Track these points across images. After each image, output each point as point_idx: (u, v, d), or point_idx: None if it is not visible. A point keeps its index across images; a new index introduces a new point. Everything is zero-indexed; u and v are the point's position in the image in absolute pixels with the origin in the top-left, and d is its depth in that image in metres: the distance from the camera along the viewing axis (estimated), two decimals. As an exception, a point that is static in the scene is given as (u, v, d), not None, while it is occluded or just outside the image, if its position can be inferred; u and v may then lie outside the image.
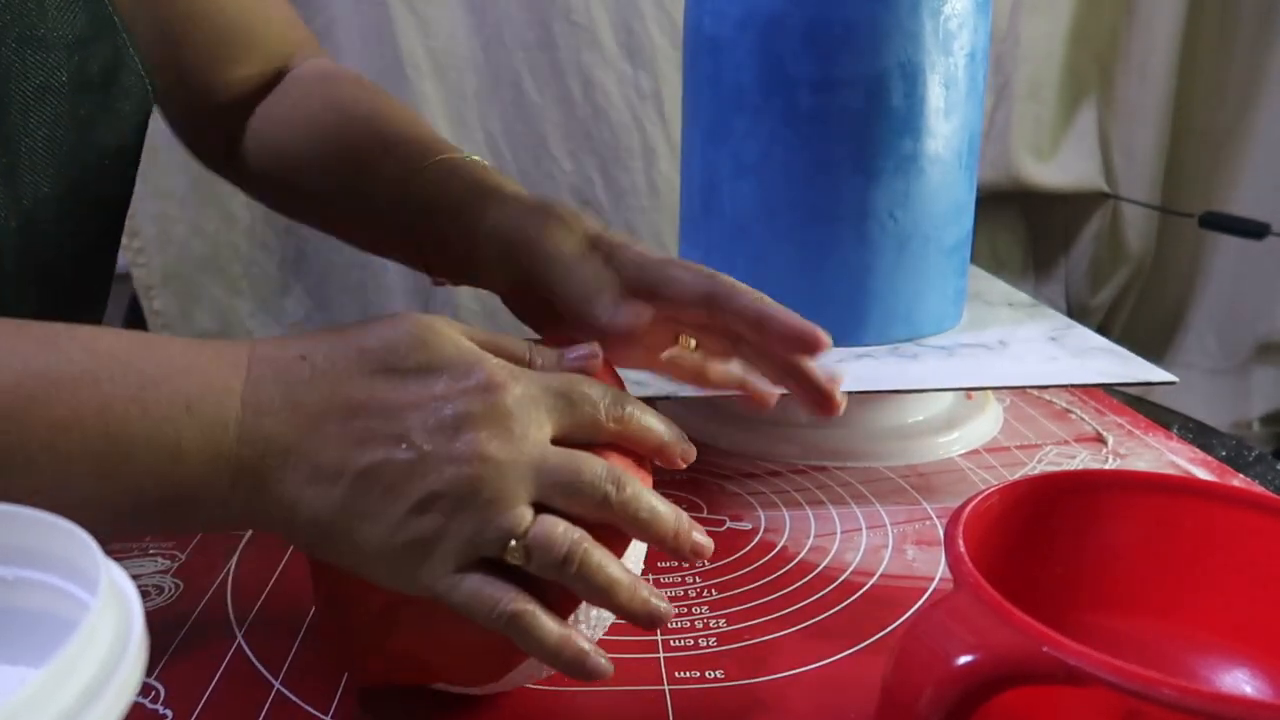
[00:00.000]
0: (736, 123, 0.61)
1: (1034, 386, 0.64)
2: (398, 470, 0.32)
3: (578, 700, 0.39)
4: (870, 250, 0.60)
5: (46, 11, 0.43)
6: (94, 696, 0.19)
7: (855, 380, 0.56)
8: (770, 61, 0.58)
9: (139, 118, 0.50)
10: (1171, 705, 0.24)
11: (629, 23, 1.18)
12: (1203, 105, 1.37)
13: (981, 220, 0.69)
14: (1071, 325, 0.65)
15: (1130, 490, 0.37)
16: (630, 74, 1.20)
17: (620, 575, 0.33)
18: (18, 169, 0.43)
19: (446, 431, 0.32)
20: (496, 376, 0.33)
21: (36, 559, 0.23)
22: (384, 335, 0.34)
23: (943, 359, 0.59)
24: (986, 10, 0.61)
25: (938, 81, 0.58)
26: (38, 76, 0.43)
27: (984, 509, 0.34)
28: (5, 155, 0.43)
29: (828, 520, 0.55)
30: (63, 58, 0.44)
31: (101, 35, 0.46)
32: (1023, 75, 1.30)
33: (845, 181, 0.59)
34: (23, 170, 0.43)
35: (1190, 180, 1.40)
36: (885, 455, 0.62)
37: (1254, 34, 1.34)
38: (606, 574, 0.33)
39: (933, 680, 0.28)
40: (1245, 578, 0.35)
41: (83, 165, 0.47)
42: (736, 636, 0.44)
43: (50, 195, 0.45)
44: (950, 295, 0.64)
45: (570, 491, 0.33)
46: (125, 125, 0.49)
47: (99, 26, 0.46)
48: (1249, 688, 0.34)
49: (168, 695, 0.40)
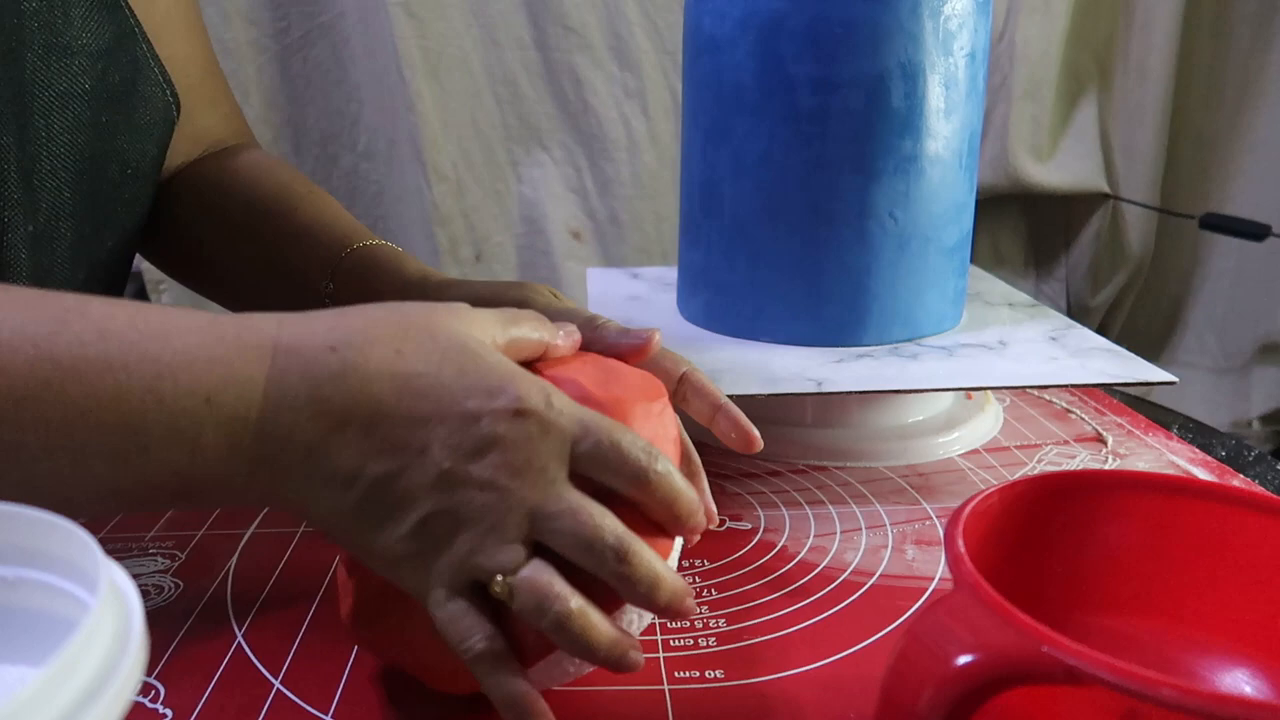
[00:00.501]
0: (736, 123, 0.61)
1: (1033, 387, 0.64)
2: (412, 483, 0.31)
3: (577, 700, 0.39)
4: (870, 250, 0.60)
5: (72, 21, 0.43)
6: (94, 696, 0.19)
7: (855, 380, 0.56)
8: (770, 61, 0.58)
9: (160, 129, 0.50)
10: (1171, 705, 0.24)
11: (617, 28, 1.26)
12: (1200, 106, 1.38)
13: (981, 220, 0.69)
14: (1072, 325, 0.65)
15: (1130, 490, 0.37)
16: (618, 74, 1.27)
17: (600, 638, 0.32)
18: (37, 174, 0.43)
19: (467, 452, 0.31)
20: (527, 402, 0.32)
21: (36, 559, 0.23)
22: (421, 338, 0.32)
23: (942, 359, 0.60)
24: (987, 11, 0.61)
25: (938, 82, 0.58)
26: (61, 83, 0.43)
27: (984, 509, 0.34)
28: (25, 160, 0.43)
29: (827, 520, 0.55)
30: (86, 66, 0.44)
31: (124, 45, 0.46)
32: (1020, 75, 1.30)
33: (845, 182, 0.59)
34: (43, 175, 0.44)
35: (1190, 181, 1.40)
36: (885, 455, 0.62)
37: (1250, 35, 1.34)
38: (587, 639, 0.32)
39: (933, 680, 0.28)
40: (1245, 578, 0.35)
41: (102, 174, 0.47)
42: (736, 636, 0.44)
43: (69, 202, 0.45)
44: (950, 295, 0.64)
45: (569, 545, 0.32)
46: (146, 136, 0.49)
47: (121, 37, 0.46)
48: (1249, 688, 0.34)
49: (168, 695, 0.40)
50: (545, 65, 1.25)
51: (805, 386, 0.55)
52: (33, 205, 0.43)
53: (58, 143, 0.44)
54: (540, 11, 1.23)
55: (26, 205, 0.43)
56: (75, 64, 0.43)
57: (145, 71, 0.48)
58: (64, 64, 0.43)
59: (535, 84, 1.26)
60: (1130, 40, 1.34)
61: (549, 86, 1.26)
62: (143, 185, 0.51)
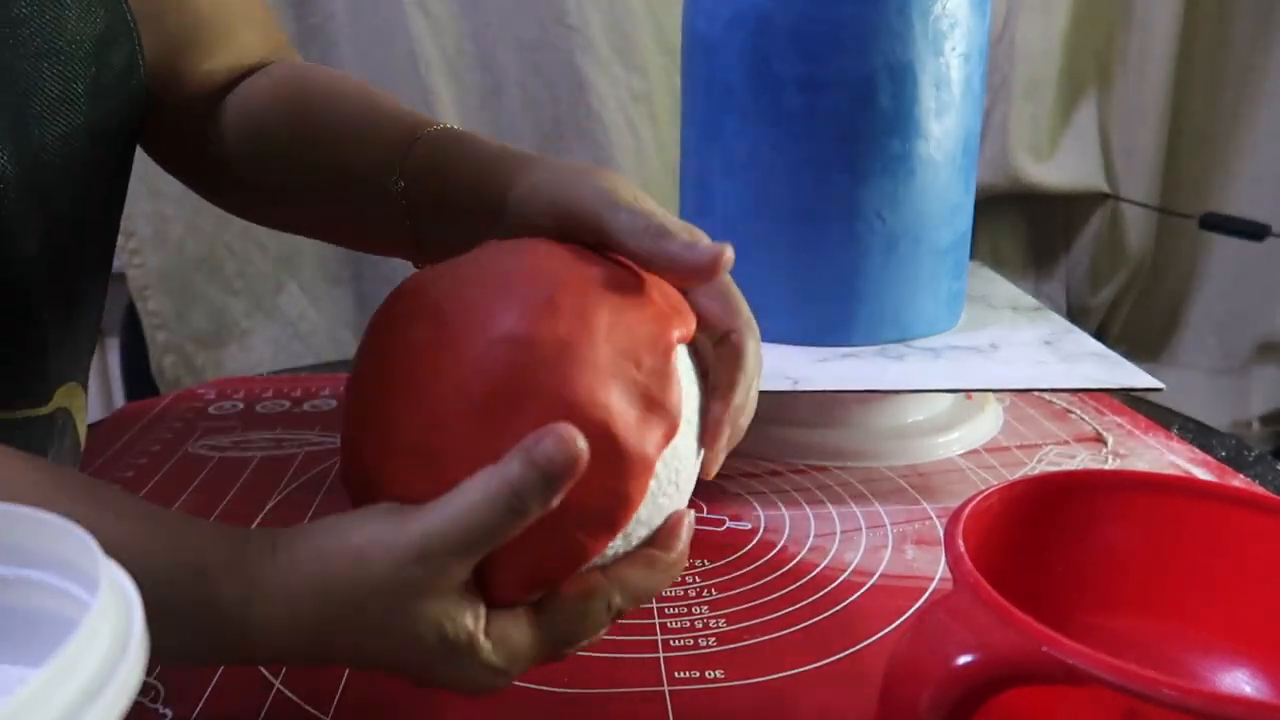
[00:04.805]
0: (726, 122, 0.61)
1: (1013, 390, 0.63)
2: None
3: (577, 700, 0.39)
4: (858, 250, 0.60)
5: (66, 24, 0.43)
6: (94, 696, 0.19)
7: (833, 380, 0.56)
8: (758, 61, 0.59)
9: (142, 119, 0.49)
10: (1171, 705, 0.24)
11: (622, 27, 1.20)
12: (1201, 105, 1.37)
13: (981, 220, 0.69)
14: (1071, 330, 0.65)
15: (1130, 490, 0.37)
16: (623, 77, 1.22)
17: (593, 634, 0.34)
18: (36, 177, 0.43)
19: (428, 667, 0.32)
20: (481, 681, 0.32)
21: (36, 559, 0.23)
22: (399, 628, 0.31)
23: (929, 361, 0.59)
24: (983, 11, 0.61)
25: (928, 82, 0.58)
26: (54, 88, 0.43)
27: (984, 509, 0.34)
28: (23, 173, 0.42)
29: (827, 520, 0.55)
30: (79, 69, 0.44)
31: (118, 39, 0.46)
32: (1020, 75, 1.30)
33: (832, 181, 0.59)
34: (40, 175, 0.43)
35: (1190, 180, 1.40)
36: (885, 455, 0.62)
37: (1250, 35, 1.34)
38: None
39: (933, 680, 0.28)
40: (1245, 578, 0.35)
41: (98, 173, 0.46)
42: (736, 636, 0.44)
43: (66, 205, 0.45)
44: (943, 297, 0.64)
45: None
46: (135, 132, 0.49)
47: (116, 30, 0.46)
48: (1249, 688, 0.34)
49: (168, 695, 0.40)
50: (544, 67, 1.22)
51: (782, 385, 0.55)
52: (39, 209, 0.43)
53: (52, 151, 0.43)
54: (539, 11, 1.21)
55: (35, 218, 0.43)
56: (68, 69, 0.43)
57: (137, 67, 0.47)
58: (57, 69, 0.43)
59: (533, 87, 1.23)
60: (1130, 40, 1.33)
61: (548, 90, 1.23)
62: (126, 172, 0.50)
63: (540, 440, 0.29)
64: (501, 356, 0.32)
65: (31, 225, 0.43)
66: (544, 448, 0.28)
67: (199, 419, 0.71)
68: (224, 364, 1.25)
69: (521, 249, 0.36)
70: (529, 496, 0.29)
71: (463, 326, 0.33)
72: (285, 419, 0.71)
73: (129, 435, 0.68)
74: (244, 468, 0.62)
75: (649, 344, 0.33)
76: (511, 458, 0.29)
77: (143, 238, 1.18)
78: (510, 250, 0.36)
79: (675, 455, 0.34)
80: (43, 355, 0.45)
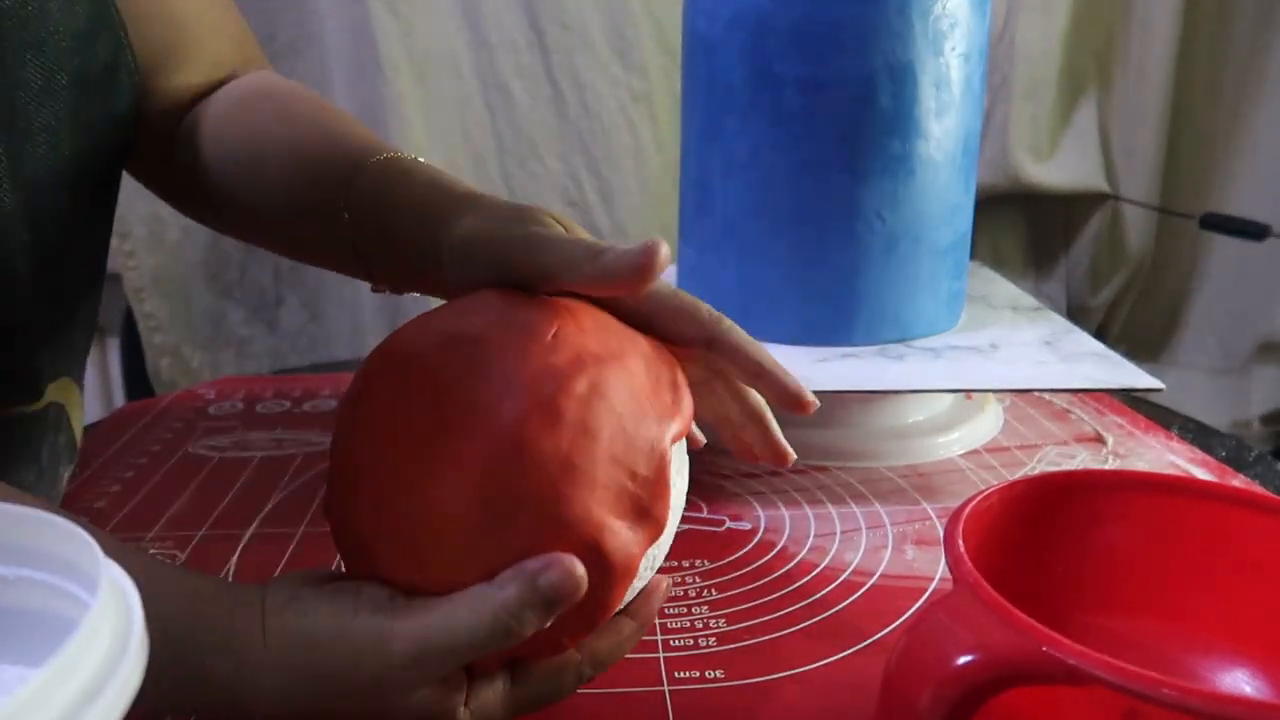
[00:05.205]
0: (727, 122, 0.61)
1: (1012, 391, 0.63)
2: None
3: (578, 700, 0.39)
4: (858, 250, 0.60)
5: (49, 14, 0.43)
6: (94, 696, 0.19)
7: (832, 380, 0.56)
8: (757, 61, 0.59)
9: (136, 115, 0.49)
10: (1171, 705, 0.24)
11: (621, 27, 1.20)
12: (1200, 106, 1.37)
13: (981, 220, 0.69)
14: (1071, 330, 0.65)
15: (1130, 490, 0.37)
16: (623, 77, 1.21)
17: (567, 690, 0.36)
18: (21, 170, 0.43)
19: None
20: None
21: (36, 558, 0.23)
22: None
23: (928, 361, 0.59)
24: (984, 11, 0.61)
25: (928, 82, 0.58)
26: (38, 80, 0.43)
27: (984, 509, 0.34)
28: (14, 165, 0.42)
29: (827, 520, 0.55)
30: (63, 60, 0.43)
31: (102, 31, 0.46)
32: (1020, 75, 1.30)
33: (832, 182, 0.59)
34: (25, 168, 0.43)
35: (1190, 181, 1.40)
36: (885, 455, 0.62)
37: (1250, 35, 1.34)
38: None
39: (933, 680, 0.28)
40: (1245, 578, 0.35)
41: (83, 169, 0.46)
42: (736, 636, 0.44)
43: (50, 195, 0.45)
44: (943, 297, 0.64)
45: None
46: (127, 127, 0.49)
47: (99, 21, 0.45)
48: (1249, 688, 0.34)
49: (167, 695, 0.40)
50: (543, 68, 1.21)
51: None
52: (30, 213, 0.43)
53: (37, 141, 0.43)
54: (538, 10, 1.19)
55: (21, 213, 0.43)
56: (52, 60, 0.43)
57: (123, 59, 0.47)
58: (40, 60, 0.42)
59: (531, 88, 1.21)
60: (1130, 40, 1.33)
61: (546, 91, 1.21)
62: (117, 168, 0.50)
63: (545, 570, 0.31)
64: (499, 467, 0.31)
65: (18, 218, 0.43)
66: (549, 578, 0.31)
67: (199, 419, 0.71)
68: (220, 369, 1.25)
69: (530, 325, 0.34)
70: (526, 621, 0.31)
71: (463, 423, 0.32)
72: (285, 419, 0.71)
73: (129, 435, 0.68)
74: (244, 468, 0.62)
75: (646, 453, 0.33)
76: (511, 580, 0.31)
77: (138, 239, 1.17)
78: (517, 328, 0.34)
79: (657, 545, 0.34)
80: (33, 353, 0.45)
